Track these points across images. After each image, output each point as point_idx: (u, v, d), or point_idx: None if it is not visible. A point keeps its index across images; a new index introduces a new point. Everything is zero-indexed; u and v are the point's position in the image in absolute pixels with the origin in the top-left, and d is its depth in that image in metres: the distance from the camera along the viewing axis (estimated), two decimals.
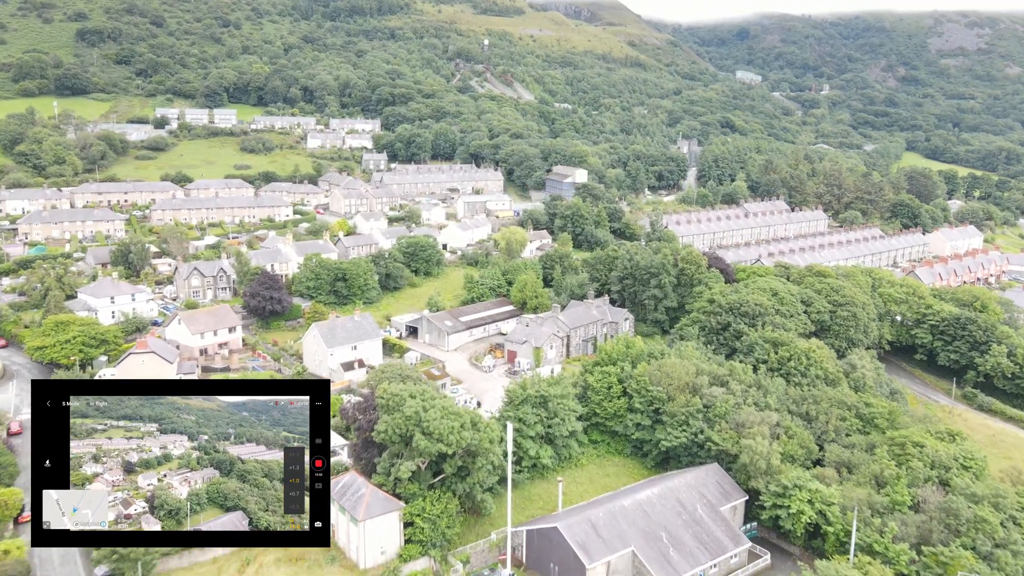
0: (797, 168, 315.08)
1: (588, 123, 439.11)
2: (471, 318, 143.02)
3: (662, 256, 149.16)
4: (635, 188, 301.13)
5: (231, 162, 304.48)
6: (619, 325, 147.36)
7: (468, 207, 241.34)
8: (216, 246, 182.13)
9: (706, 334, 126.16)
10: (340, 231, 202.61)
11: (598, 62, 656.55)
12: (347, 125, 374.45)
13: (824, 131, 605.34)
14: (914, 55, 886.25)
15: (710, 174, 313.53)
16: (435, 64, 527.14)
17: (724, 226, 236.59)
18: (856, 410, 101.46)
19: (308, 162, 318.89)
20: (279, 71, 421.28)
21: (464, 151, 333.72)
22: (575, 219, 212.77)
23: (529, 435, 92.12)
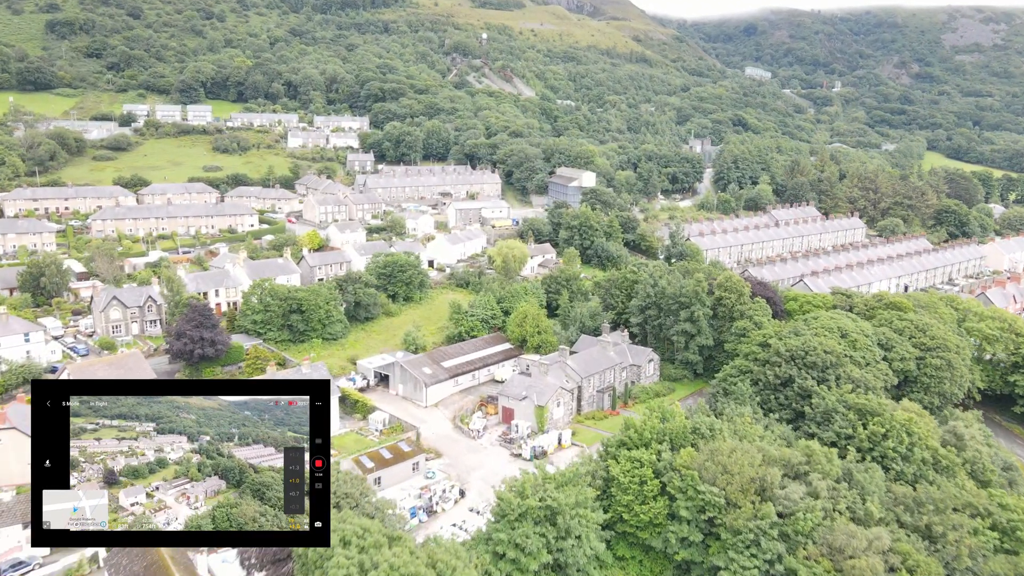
0: (824, 170, 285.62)
1: (593, 121, 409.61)
2: (457, 362, 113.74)
3: (694, 282, 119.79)
4: (647, 192, 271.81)
5: (201, 163, 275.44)
6: (642, 369, 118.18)
7: (460, 215, 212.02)
8: (159, 264, 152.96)
9: (760, 391, 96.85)
10: (308, 245, 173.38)
11: (602, 57, 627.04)
12: (333, 123, 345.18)
13: (839, 129, 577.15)
14: (928, 51, 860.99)
15: (729, 176, 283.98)
16: (430, 59, 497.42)
17: (752, 237, 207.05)
18: (990, 516, 72.19)
19: (287, 163, 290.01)
20: (261, 65, 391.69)
21: (459, 151, 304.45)
22: (583, 230, 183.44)
23: (530, 570, 62.87)
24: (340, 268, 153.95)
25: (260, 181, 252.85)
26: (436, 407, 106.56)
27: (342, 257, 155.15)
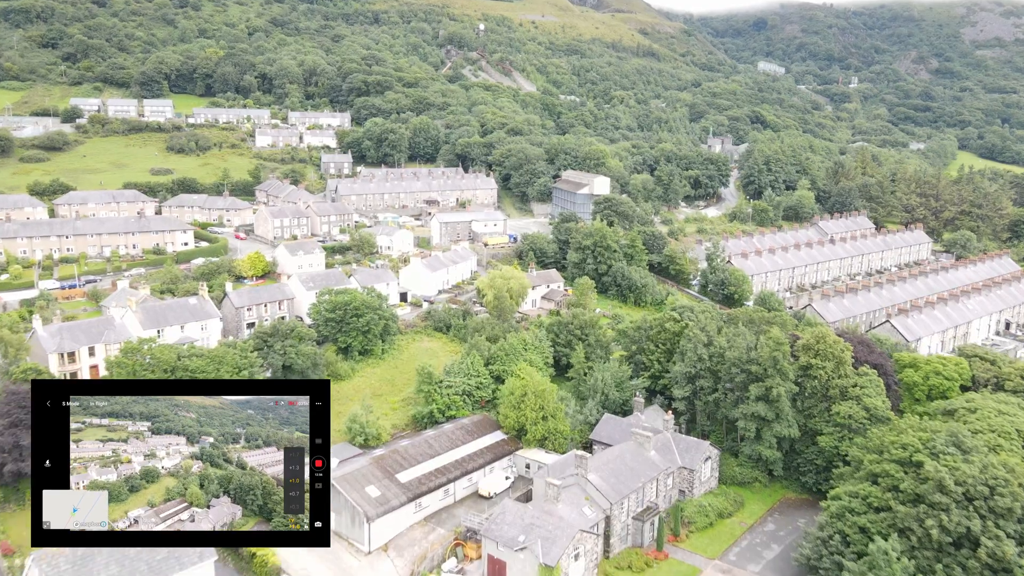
0: (867, 171, 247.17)
1: (600, 117, 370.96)
2: (420, 472, 75.42)
3: (772, 343, 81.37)
4: (667, 199, 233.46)
5: (149, 164, 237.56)
6: (696, 473, 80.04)
7: (446, 230, 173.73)
8: (35, 302, 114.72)
9: (913, 548, 58.43)
10: (250, 272, 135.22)
11: (607, 51, 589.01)
12: (310, 119, 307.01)
13: (861, 127, 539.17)
14: (947, 46, 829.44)
15: (760, 180, 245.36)
16: (422, 50, 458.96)
17: (805, 257, 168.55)
18: None
19: (251, 165, 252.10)
20: (233, 56, 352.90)
21: (449, 151, 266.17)
22: (598, 251, 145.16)
23: None
24: (280, 308, 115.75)
25: (214, 187, 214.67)
26: (385, 552, 68.30)
27: (282, 293, 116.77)
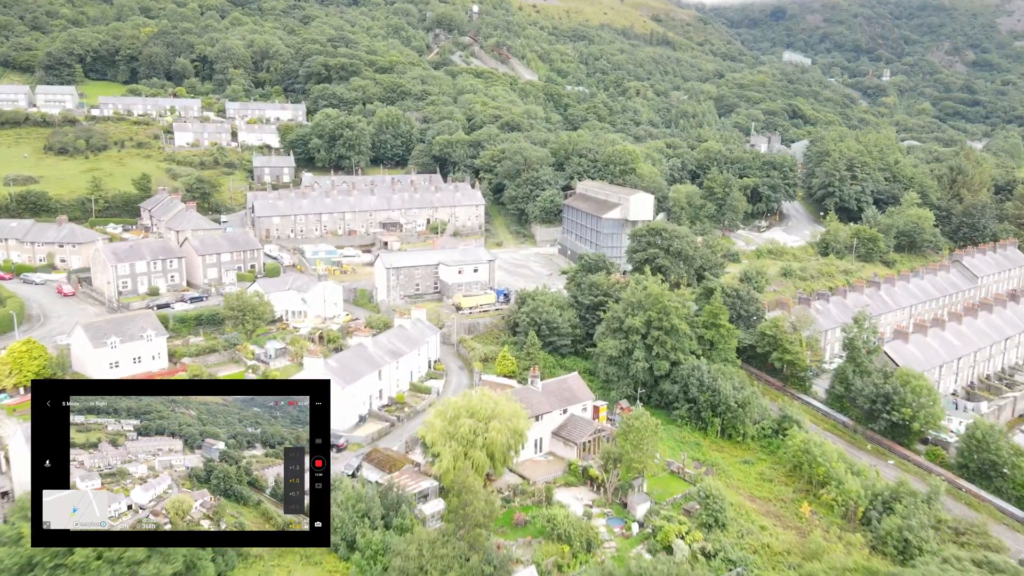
0: (982, 180, 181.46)
1: (617, 111, 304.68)
2: None
3: None
4: (719, 219, 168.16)
5: (10, 171, 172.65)
6: None
7: (399, 279, 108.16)
8: None
9: None
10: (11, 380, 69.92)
11: (618, 38, 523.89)
12: (252, 111, 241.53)
13: (904, 124, 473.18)
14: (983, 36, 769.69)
15: (843, 192, 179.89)
16: (405, 33, 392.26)
17: (984, 331, 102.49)
18: None
19: (160, 170, 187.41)
20: (164, 34, 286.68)
21: (424, 152, 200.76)
22: (653, 335, 79.47)
23: None
24: None
25: (76, 204, 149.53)
26: None
27: None
